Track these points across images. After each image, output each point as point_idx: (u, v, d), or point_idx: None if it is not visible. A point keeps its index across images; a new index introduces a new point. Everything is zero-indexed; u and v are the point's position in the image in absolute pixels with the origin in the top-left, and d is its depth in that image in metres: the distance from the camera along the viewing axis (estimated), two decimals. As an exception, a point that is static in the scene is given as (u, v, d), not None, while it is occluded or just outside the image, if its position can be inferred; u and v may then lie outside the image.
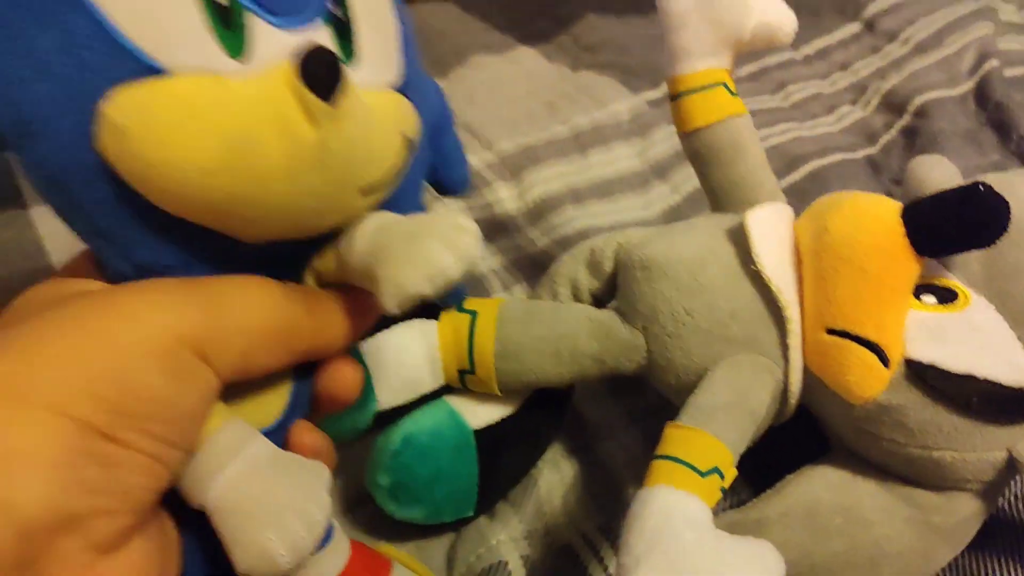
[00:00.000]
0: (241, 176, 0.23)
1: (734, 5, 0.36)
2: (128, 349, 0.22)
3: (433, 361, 0.36)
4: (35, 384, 0.21)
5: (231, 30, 0.22)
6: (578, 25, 0.75)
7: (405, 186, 0.29)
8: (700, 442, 0.30)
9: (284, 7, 0.23)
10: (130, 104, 0.21)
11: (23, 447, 0.20)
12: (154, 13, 0.22)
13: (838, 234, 0.31)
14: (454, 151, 0.38)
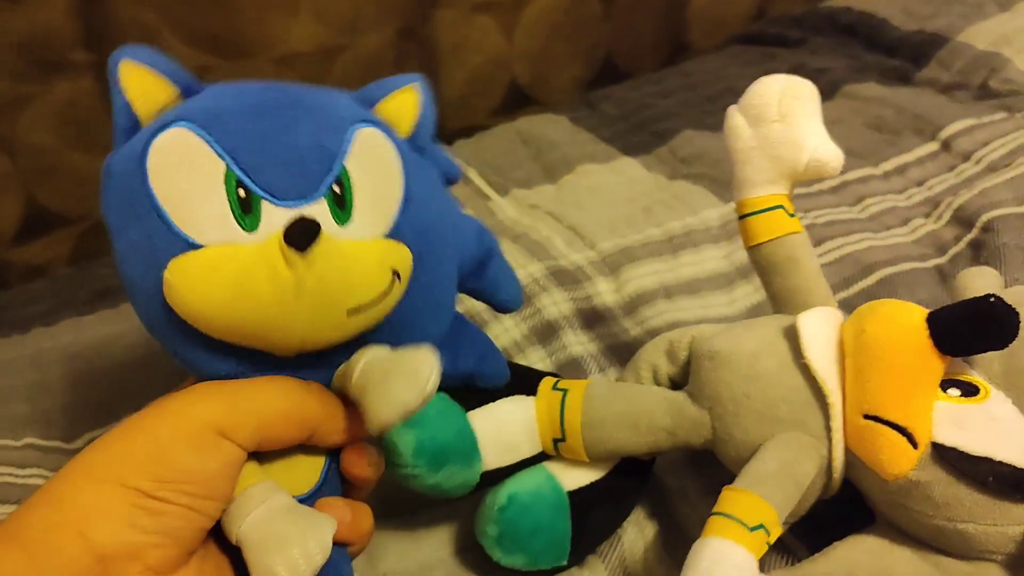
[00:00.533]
0: (245, 308, 0.33)
1: (790, 145, 0.43)
2: (165, 436, 0.33)
3: (531, 430, 0.43)
4: (104, 465, 0.32)
5: (248, 214, 0.33)
6: (676, 139, 0.83)
7: (417, 307, 0.38)
8: (749, 502, 0.36)
9: (291, 196, 0.34)
10: (177, 269, 0.33)
11: (96, 504, 0.31)
12: (196, 210, 0.33)
13: (873, 334, 0.38)
14: (502, 276, 0.46)
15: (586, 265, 0.65)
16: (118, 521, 0.31)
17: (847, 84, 0.88)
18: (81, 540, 0.30)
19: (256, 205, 0.33)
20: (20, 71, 0.76)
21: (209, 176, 0.33)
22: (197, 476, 0.33)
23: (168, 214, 0.33)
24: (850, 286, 0.60)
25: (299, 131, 0.35)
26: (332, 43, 0.88)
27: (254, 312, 0.33)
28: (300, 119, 0.35)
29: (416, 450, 0.40)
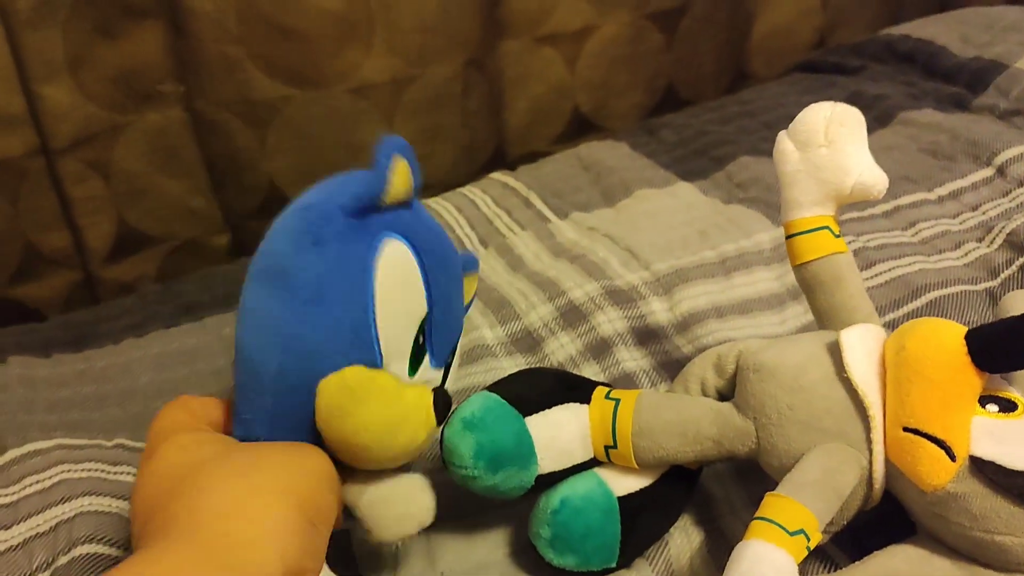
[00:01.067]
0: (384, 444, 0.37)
1: (835, 169, 0.45)
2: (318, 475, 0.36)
3: (584, 437, 0.45)
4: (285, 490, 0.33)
5: (415, 361, 0.39)
6: (733, 164, 0.85)
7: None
8: (790, 508, 0.38)
9: (438, 359, 0.40)
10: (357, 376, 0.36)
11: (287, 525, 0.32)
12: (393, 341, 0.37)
13: (913, 350, 0.40)
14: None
15: (640, 285, 0.68)
16: (300, 544, 0.32)
17: (904, 111, 0.89)
18: (279, 559, 0.31)
19: (421, 358, 0.39)
20: (116, 101, 0.82)
21: (412, 312, 0.38)
22: (332, 514, 0.37)
23: (377, 329, 0.36)
24: (899, 307, 0.61)
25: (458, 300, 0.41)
26: (403, 74, 0.92)
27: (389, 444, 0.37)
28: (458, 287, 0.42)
29: (476, 452, 0.43)
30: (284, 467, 0.35)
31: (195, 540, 0.30)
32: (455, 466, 0.43)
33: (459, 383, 0.61)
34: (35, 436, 0.56)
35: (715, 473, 0.52)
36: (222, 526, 0.31)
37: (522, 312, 0.67)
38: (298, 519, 0.33)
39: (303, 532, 0.33)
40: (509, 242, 0.79)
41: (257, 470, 0.34)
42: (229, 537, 0.30)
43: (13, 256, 0.83)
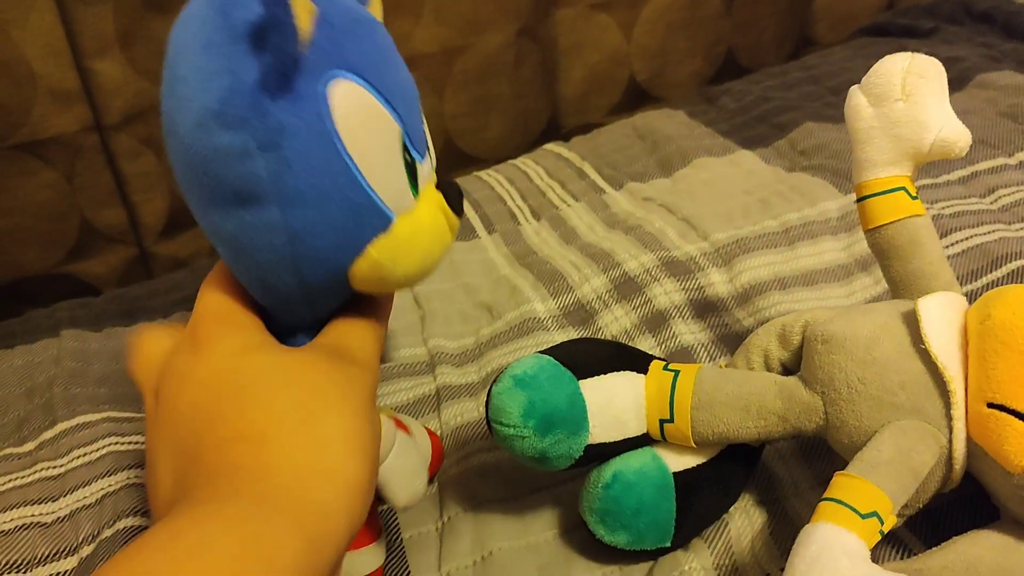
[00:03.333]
0: (421, 275, 0.36)
1: (914, 125, 0.42)
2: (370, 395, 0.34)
3: (639, 407, 0.43)
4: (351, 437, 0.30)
5: (413, 180, 0.35)
6: (796, 131, 0.81)
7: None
8: (862, 489, 0.35)
9: (422, 150, 0.35)
10: (384, 249, 0.34)
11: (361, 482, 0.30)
12: (388, 182, 0.33)
13: (1000, 320, 0.36)
14: None
15: (699, 256, 0.65)
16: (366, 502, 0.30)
17: (981, 73, 0.84)
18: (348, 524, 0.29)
19: (414, 169, 0.35)
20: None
21: (393, 142, 0.33)
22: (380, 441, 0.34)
23: (374, 190, 0.32)
24: (977, 278, 0.57)
25: (405, 72, 0.35)
26: (453, 44, 0.90)
27: (429, 269, 0.37)
28: (398, 56, 0.34)
29: (527, 411, 0.40)
30: (348, 401, 0.31)
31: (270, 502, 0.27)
32: (502, 425, 0.41)
33: (508, 357, 0.59)
34: (84, 409, 0.56)
35: (777, 451, 0.49)
36: (296, 490, 0.28)
37: (575, 284, 0.65)
38: (367, 471, 0.30)
39: (370, 486, 0.30)
40: (562, 214, 0.76)
41: (322, 411, 0.30)
42: (303, 502, 0.27)
43: (70, 232, 0.84)
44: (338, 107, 0.30)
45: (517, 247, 0.73)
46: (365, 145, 0.32)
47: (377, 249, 0.33)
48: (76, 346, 0.64)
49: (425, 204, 0.35)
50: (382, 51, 0.33)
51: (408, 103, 0.34)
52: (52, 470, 0.52)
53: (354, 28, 0.32)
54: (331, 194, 0.31)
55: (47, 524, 0.49)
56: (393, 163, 0.33)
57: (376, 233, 0.33)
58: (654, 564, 0.44)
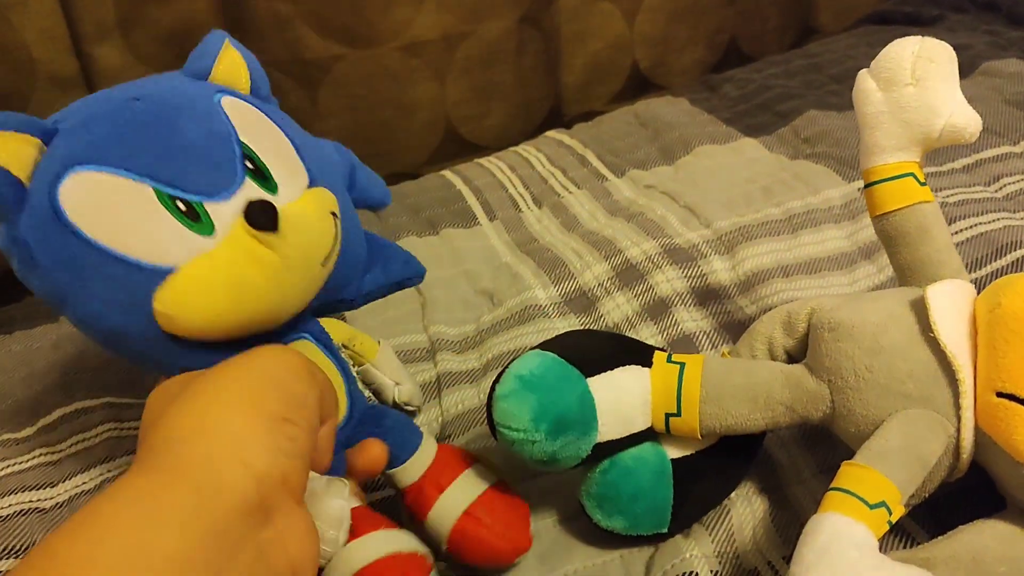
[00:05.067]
0: (246, 306, 0.36)
1: (924, 110, 0.41)
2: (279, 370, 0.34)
3: (645, 404, 0.42)
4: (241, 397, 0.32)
5: (198, 222, 0.35)
6: (800, 119, 0.81)
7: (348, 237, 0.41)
8: (870, 479, 0.35)
9: (220, 188, 0.36)
10: (167, 299, 0.35)
11: (248, 432, 0.31)
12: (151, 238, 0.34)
13: (1010, 308, 0.36)
14: (368, 180, 0.48)
15: (701, 243, 0.65)
16: (270, 447, 0.32)
17: (987, 61, 0.83)
18: (243, 468, 0.30)
19: (200, 210, 0.35)
20: (167, 62, 0.81)
21: (142, 203, 0.34)
22: (310, 402, 0.35)
23: (128, 254, 0.34)
24: (982, 267, 0.57)
25: (185, 128, 0.36)
26: (455, 31, 0.90)
27: (255, 302, 0.36)
28: (175, 117, 0.36)
29: (537, 415, 0.38)
30: (241, 375, 0.34)
31: (161, 466, 0.30)
32: (511, 430, 0.39)
33: (508, 344, 0.59)
34: (83, 395, 0.56)
35: (779, 439, 0.49)
36: (184, 448, 0.31)
37: (576, 272, 0.64)
38: (261, 421, 0.32)
39: (270, 433, 0.32)
40: (564, 201, 0.76)
41: (214, 386, 0.33)
42: (191, 457, 0.30)
43: (68, 218, 0.83)
44: (69, 201, 0.34)
45: (519, 234, 0.72)
46: (106, 219, 0.34)
47: (159, 302, 0.35)
48: (75, 332, 0.63)
49: (228, 237, 0.35)
50: (131, 124, 0.35)
51: (178, 153, 0.35)
52: (50, 456, 0.52)
53: (97, 119, 0.35)
54: (90, 276, 0.35)
55: (45, 510, 0.48)
56: (148, 220, 0.34)
57: (152, 289, 0.35)
58: (655, 551, 0.44)
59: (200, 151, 0.36)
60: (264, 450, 0.31)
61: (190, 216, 0.35)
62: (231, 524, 0.29)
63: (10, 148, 0.34)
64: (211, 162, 0.36)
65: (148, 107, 0.36)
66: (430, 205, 0.77)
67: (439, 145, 0.94)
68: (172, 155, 0.35)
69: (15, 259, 0.36)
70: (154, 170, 0.35)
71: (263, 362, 0.34)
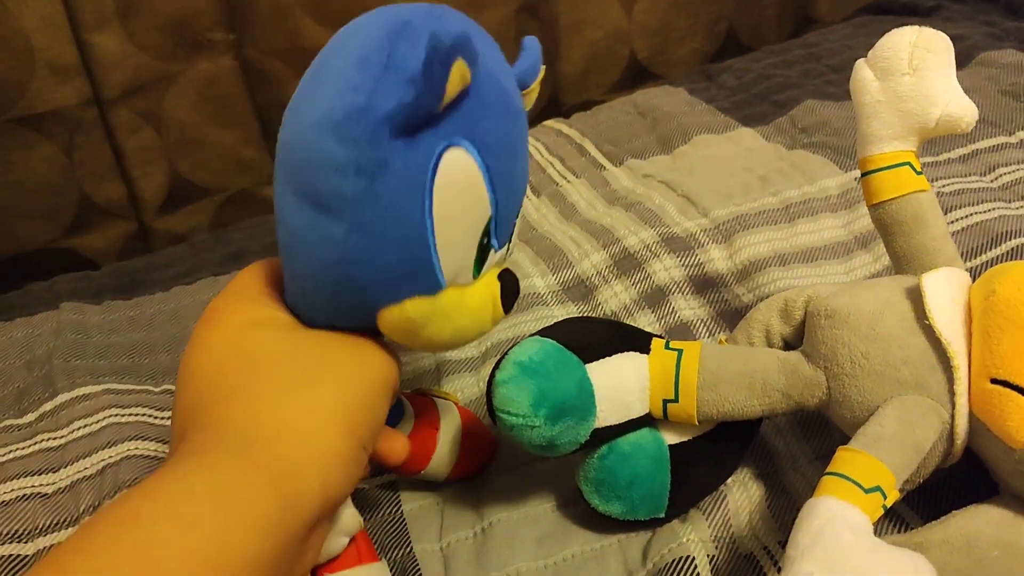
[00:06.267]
0: (452, 345, 0.37)
1: (920, 99, 0.42)
2: (373, 385, 0.34)
3: (643, 390, 0.42)
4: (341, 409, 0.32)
5: (480, 262, 0.35)
6: (797, 109, 0.81)
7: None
8: (865, 464, 0.35)
9: (503, 240, 0.36)
10: (420, 310, 0.34)
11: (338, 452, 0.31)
12: (456, 253, 0.34)
13: (1004, 295, 0.36)
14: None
15: (699, 232, 0.65)
16: (346, 472, 0.31)
17: (984, 51, 0.83)
18: (323, 489, 0.30)
19: (487, 254, 0.35)
20: (166, 50, 0.81)
21: (477, 223, 0.34)
22: (380, 428, 0.35)
23: (439, 257, 0.33)
24: (976, 256, 0.57)
25: (524, 165, 0.36)
26: (454, 19, 0.90)
27: (456, 344, 0.37)
28: (525, 149, 0.36)
29: (537, 400, 0.39)
30: (344, 383, 0.33)
31: (247, 455, 0.29)
32: (510, 415, 0.39)
33: (507, 332, 0.59)
34: (84, 381, 0.56)
35: (776, 426, 0.49)
36: (275, 447, 0.29)
37: (574, 260, 0.65)
38: (349, 446, 0.31)
39: (351, 460, 0.31)
40: (562, 190, 0.76)
41: (316, 384, 0.32)
42: (280, 460, 0.29)
43: (69, 207, 0.83)
44: (444, 171, 0.31)
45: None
46: (451, 213, 0.32)
47: (414, 306, 0.34)
48: (76, 318, 0.64)
49: (480, 287, 0.36)
50: (512, 140, 0.35)
51: (511, 195, 0.35)
52: (52, 441, 0.52)
53: (497, 110, 0.33)
54: (397, 240, 0.32)
55: (47, 495, 0.49)
56: (468, 240, 0.34)
57: (419, 292, 0.34)
58: (652, 536, 0.44)
59: (518, 196, 0.36)
60: (343, 476, 0.31)
61: (481, 254, 0.35)
62: (299, 536, 0.29)
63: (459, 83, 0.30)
64: (515, 211, 0.36)
65: (517, 127, 0.35)
66: (429, 194, 0.77)
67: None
68: (511, 191, 0.35)
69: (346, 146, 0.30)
70: (501, 199, 0.34)
71: (370, 372, 0.34)
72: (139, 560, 0.24)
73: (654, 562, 0.42)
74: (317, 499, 0.30)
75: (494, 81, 0.33)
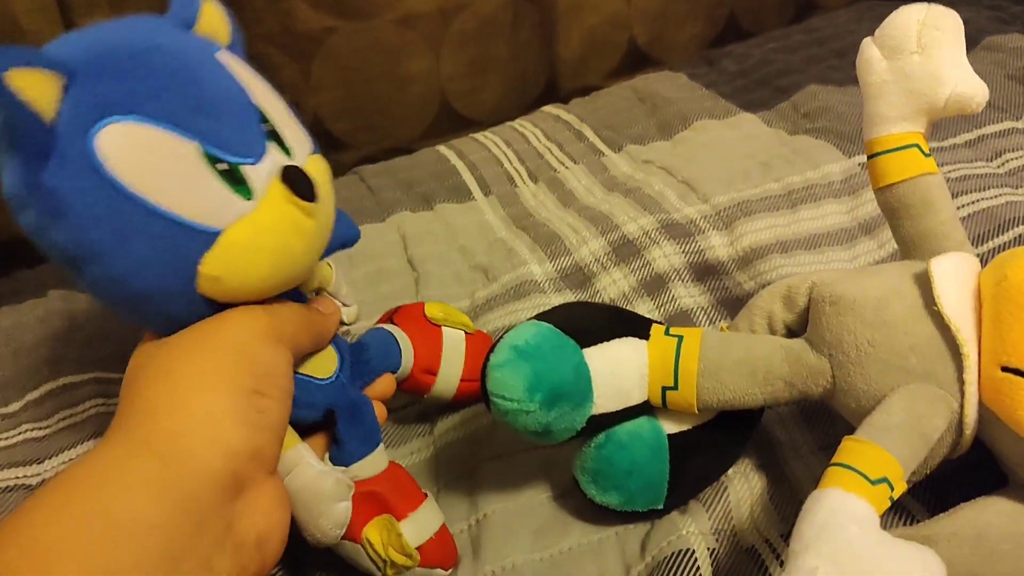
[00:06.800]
0: (285, 270, 0.36)
1: (929, 78, 0.40)
2: (244, 339, 0.34)
3: (642, 376, 0.41)
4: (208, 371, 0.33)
5: (239, 185, 0.34)
6: (800, 94, 0.80)
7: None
8: (871, 454, 0.34)
9: (251, 152, 0.34)
10: (215, 262, 0.33)
11: (218, 408, 0.32)
12: (198, 199, 0.33)
13: (1016, 281, 0.35)
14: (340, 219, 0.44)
15: (699, 219, 0.64)
16: (240, 422, 0.32)
17: (990, 35, 0.82)
18: (213, 445, 0.31)
19: (239, 173, 0.34)
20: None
21: (191, 162, 0.33)
22: (281, 370, 0.35)
23: (178, 213, 0.32)
24: (983, 242, 0.56)
25: (209, 85, 0.34)
26: (450, 3, 0.88)
27: (293, 266, 0.36)
28: (198, 73, 0.34)
29: (532, 385, 0.37)
30: (210, 346, 0.34)
31: (132, 437, 0.31)
32: (504, 399, 0.38)
33: (504, 319, 0.58)
34: (70, 369, 0.55)
35: (778, 415, 0.48)
36: (157, 422, 0.31)
37: (572, 247, 0.64)
38: (231, 396, 0.32)
39: (243, 409, 0.32)
40: (560, 176, 0.75)
41: (188, 355, 0.34)
42: (161, 432, 0.31)
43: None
44: (109, 152, 0.31)
45: (514, 209, 0.71)
46: (153, 175, 0.32)
47: (207, 265, 0.33)
48: (63, 307, 0.62)
49: (267, 202, 0.34)
50: (165, 75, 0.33)
51: (214, 114, 0.34)
52: (37, 431, 0.51)
53: (121, 66, 0.33)
54: (130, 234, 0.32)
55: (32, 486, 0.48)
56: (196, 179, 0.33)
57: (201, 251, 0.33)
58: (651, 528, 0.43)
59: (228, 111, 0.34)
60: (234, 425, 0.32)
61: (230, 178, 0.34)
62: (202, 497, 0.30)
63: (37, 86, 0.30)
64: (239, 123, 0.35)
65: (169, 60, 0.34)
66: (424, 180, 0.76)
67: (434, 119, 0.93)
68: (209, 114, 0.34)
69: (31, 210, 0.32)
70: (200, 129, 0.33)
71: (232, 332, 0.34)
72: (21, 537, 0.26)
73: (653, 555, 0.41)
74: (214, 455, 0.31)
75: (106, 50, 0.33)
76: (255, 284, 0.35)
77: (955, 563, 0.35)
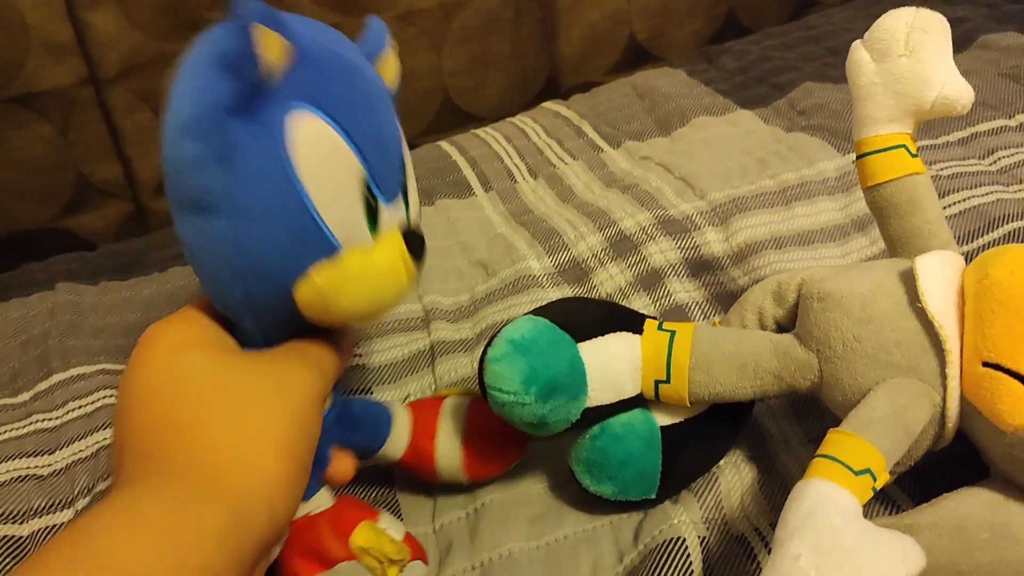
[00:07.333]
0: (370, 310, 0.37)
1: (916, 81, 0.41)
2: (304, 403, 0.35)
3: (635, 370, 0.42)
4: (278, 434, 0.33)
5: (373, 220, 0.36)
6: (796, 91, 0.81)
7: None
8: (855, 446, 0.36)
9: (391, 195, 0.37)
10: (326, 277, 0.34)
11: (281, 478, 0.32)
12: (342, 214, 0.34)
13: (997, 279, 0.36)
14: None
15: (695, 215, 0.65)
16: (292, 495, 0.33)
17: (984, 34, 0.83)
18: (269, 512, 0.31)
19: (377, 210, 0.36)
20: (162, 30, 0.81)
21: (350, 179, 0.34)
22: (316, 440, 0.36)
23: (322, 218, 0.34)
24: (973, 239, 0.57)
25: (387, 121, 0.36)
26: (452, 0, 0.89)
27: (380, 309, 0.37)
28: (380, 107, 0.36)
29: (527, 378, 0.39)
30: (279, 408, 0.34)
31: (194, 479, 0.30)
32: (501, 392, 0.39)
33: (501, 314, 0.59)
34: (80, 360, 0.56)
35: (768, 408, 0.49)
36: (218, 475, 0.31)
37: (570, 242, 0.65)
38: (290, 469, 0.33)
39: (293, 482, 0.33)
40: (559, 172, 0.76)
41: (253, 407, 0.33)
42: (225, 484, 0.30)
43: (65, 187, 0.83)
44: (296, 136, 0.33)
45: (513, 205, 0.72)
46: (319, 175, 0.34)
47: (320, 275, 0.34)
48: (71, 299, 0.64)
49: (384, 246, 0.36)
50: (362, 97, 0.35)
51: (382, 150, 0.36)
52: (47, 422, 0.52)
53: (336, 72, 0.35)
54: (277, 213, 0.33)
55: (43, 477, 0.49)
56: (348, 198, 0.35)
57: (319, 258, 0.34)
58: (644, 517, 0.45)
59: (391, 152, 0.37)
60: (289, 500, 0.33)
61: (370, 211, 0.36)
62: (249, 557, 0.30)
63: (276, 49, 0.31)
64: (393, 167, 0.37)
65: (369, 86, 0.36)
66: (425, 176, 0.77)
67: (435, 115, 0.94)
68: (380, 149, 0.36)
69: (202, 143, 0.32)
70: (371, 160, 0.35)
71: (300, 396, 0.35)
72: (96, 565, 0.25)
73: (645, 543, 0.43)
74: (265, 523, 0.31)
75: (325, 51, 0.35)
76: (343, 310, 0.36)
77: (936, 552, 0.37)
